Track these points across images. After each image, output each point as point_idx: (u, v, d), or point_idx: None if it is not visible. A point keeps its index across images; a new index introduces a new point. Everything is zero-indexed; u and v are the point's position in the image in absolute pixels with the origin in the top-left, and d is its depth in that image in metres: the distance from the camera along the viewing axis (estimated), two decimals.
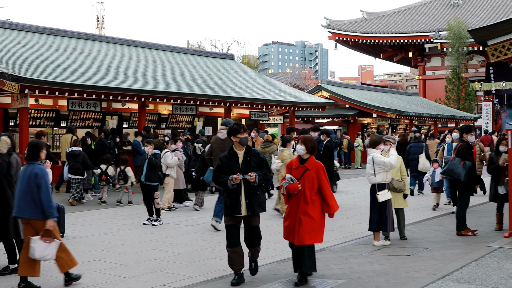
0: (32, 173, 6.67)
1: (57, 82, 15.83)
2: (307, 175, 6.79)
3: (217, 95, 20.51)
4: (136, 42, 25.17)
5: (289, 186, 6.76)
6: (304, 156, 6.93)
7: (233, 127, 7.02)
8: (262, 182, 6.89)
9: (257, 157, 7.00)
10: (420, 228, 10.70)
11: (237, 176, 6.71)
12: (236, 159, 6.94)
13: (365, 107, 30.02)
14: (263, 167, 6.99)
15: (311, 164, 6.87)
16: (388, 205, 8.99)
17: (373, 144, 9.05)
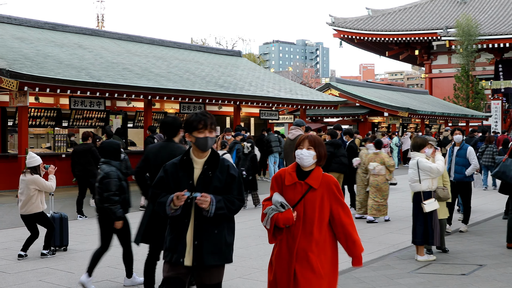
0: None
1: (59, 79, 14.81)
2: (311, 198, 4.17)
3: (227, 93, 19.50)
4: (141, 38, 24.14)
5: (277, 217, 4.15)
6: (307, 167, 4.27)
7: (190, 119, 4.36)
8: (224, 213, 4.20)
9: (225, 172, 4.30)
10: (460, 239, 9.68)
11: (181, 194, 4.09)
12: (189, 171, 4.29)
13: (376, 105, 29.05)
14: (233, 190, 4.30)
15: (318, 180, 4.20)
16: (435, 216, 7.98)
17: (417, 147, 8.03)
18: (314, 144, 4.25)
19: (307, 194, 4.16)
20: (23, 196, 8.37)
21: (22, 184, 8.44)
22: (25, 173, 8.43)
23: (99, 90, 15.80)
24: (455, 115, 34.17)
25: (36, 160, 8.47)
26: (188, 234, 4.22)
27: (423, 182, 7.89)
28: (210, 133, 4.29)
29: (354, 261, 4.32)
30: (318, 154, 4.25)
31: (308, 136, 4.34)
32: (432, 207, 7.89)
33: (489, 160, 15.94)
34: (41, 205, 8.44)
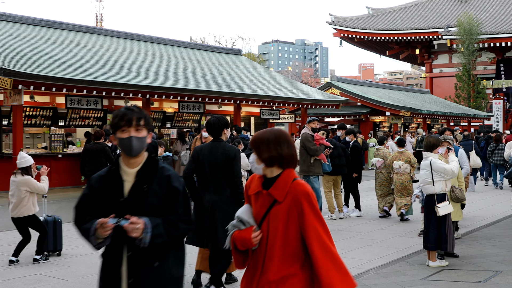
0: None
1: (54, 77, 14.40)
2: (275, 215, 3.11)
3: (227, 91, 19.09)
4: (139, 36, 23.72)
5: (237, 236, 3.20)
6: (268, 172, 3.17)
7: (116, 116, 3.29)
8: (164, 240, 3.19)
9: (165, 184, 3.27)
10: (471, 243, 9.28)
11: (104, 221, 3.08)
12: (118, 186, 3.28)
13: (378, 105, 28.62)
14: (177, 208, 3.27)
15: (283, 190, 3.10)
16: (448, 220, 7.58)
17: (430, 147, 7.62)
18: (255, 143, 3.16)
19: (272, 208, 3.09)
20: (14, 198, 7.97)
21: (13, 185, 8.05)
22: (16, 174, 8.03)
23: (95, 88, 15.39)
24: (457, 114, 33.79)
25: (27, 160, 8.07)
26: (122, 269, 3.24)
27: (437, 184, 7.49)
28: (138, 131, 3.24)
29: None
30: (260, 157, 3.12)
31: (254, 135, 3.26)
32: (446, 210, 7.49)
33: (500, 159, 15.70)
34: (33, 208, 8.04)
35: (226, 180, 6.07)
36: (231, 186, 6.08)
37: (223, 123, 6.18)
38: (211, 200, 6.05)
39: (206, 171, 6.05)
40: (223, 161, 6.04)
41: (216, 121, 6.16)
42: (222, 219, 5.87)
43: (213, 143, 6.14)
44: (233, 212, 5.90)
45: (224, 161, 6.04)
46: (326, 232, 3.06)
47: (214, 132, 6.15)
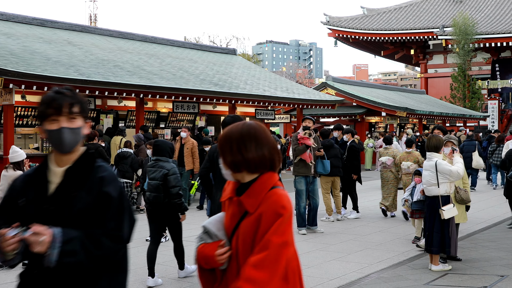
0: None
1: (46, 76, 14.10)
2: (246, 228, 2.53)
3: (222, 91, 18.82)
4: (133, 35, 23.42)
5: (200, 252, 2.63)
6: (239, 177, 2.62)
7: (43, 102, 2.70)
8: (78, 260, 2.41)
9: (95, 189, 2.55)
10: (473, 245, 9.07)
11: (3, 232, 2.38)
12: (42, 187, 2.60)
13: (374, 105, 28.44)
14: (105, 221, 2.52)
15: (256, 199, 2.52)
16: (452, 223, 7.35)
17: (434, 147, 7.39)
18: (219, 146, 2.61)
19: (243, 220, 2.52)
20: (2, 193, 7.70)
21: (4, 180, 7.73)
22: (8, 168, 7.73)
23: (88, 88, 15.10)
24: (453, 115, 33.66)
25: (20, 154, 7.79)
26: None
27: (442, 185, 7.26)
28: (71, 121, 2.58)
29: None
30: (224, 161, 2.58)
31: (220, 135, 2.70)
32: (451, 213, 7.26)
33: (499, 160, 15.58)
34: None
35: None
36: None
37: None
38: None
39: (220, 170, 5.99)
40: None
41: (232, 120, 6.18)
42: None
43: None
44: None
45: None
46: (279, 263, 2.39)
47: None
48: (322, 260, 8.09)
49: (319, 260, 8.11)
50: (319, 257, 8.30)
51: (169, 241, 9.28)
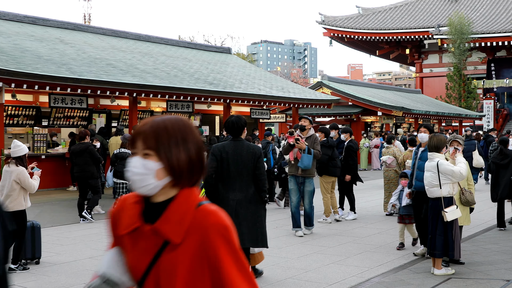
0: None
1: (36, 74, 13.79)
2: (169, 265, 1.81)
3: (217, 90, 18.53)
4: (126, 33, 23.09)
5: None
6: (149, 195, 1.85)
7: None
8: None
9: None
10: (475, 248, 8.82)
11: None
12: None
13: (370, 104, 28.22)
14: None
15: (181, 225, 1.81)
16: (456, 225, 7.09)
17: (435, 147, 7.12)
18: (157, 142, 1.83)
19: (161, 255, 1.84)
20: (5, 189, 7.37)
21: (5, 175, 7.43)
22: (10, 163, 7.41)
23: (80, 86, 14.79)
24: (449, 114, 33.48)
25: (22, 149, 7.45)
26: None
27: (444, 187, 7.00)
28: None
29: None
30: (169, 164, 1.83)
31: (150, 123, 1.87)
32: (455, 215, 6.99)
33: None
34: (24, 202, 7.41)
35: (251, 179, 6.17)
36: (256, 185, 6.20)
37: (243, 122, 6.32)
38: (236, 199, 6.10)
39: (230, 169, 6.11)
40: (249, 159, 6.14)
41: (237, 120, 6.25)
42: (246, 217, 6.08)
43: (235, 142, 6.21)
44: (256, 209, 6.18)
45: (250, 159, 6.13)
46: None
47: (235, 131, 6.24)
48: (321, 264, 7.81)
49: (318, 263, 7.84)
50: (317, 260, 8.03)
51: None
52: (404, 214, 8.56)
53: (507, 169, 10.36)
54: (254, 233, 6.16)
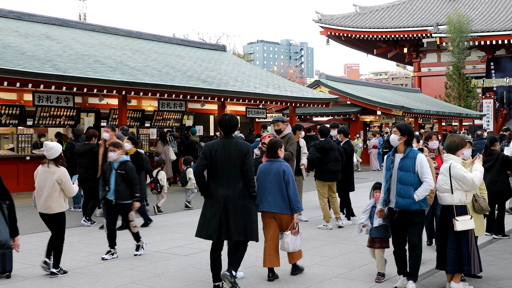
0: (280, 170, 6.81)
1: (18, 71, 12.98)
2: None
3: (211, 88, 17.74)
4: (117, 29, 22.27)
5: None
6: None
7: None
8: None
9: None
10: (490, 258, 8.06)
11: None
12: None
13: (369, 103, 27.53)
14: None
15: None
16: (471, 236, 6.30)
17: (453, 148, 6.36)
18: None
19: None
20: (45, 190, 7.05)
21: (44, 176, 7.12)
22: (49, 164, 7.04)
23: (65, 84, 13.99)
24: (449, 113, 32.79)
25: (56, 150, 7.08)
26: None
27: (456, 193, 6.23)
28: None
29: None
30: None
31: None
32: (466, 225, 6.21)
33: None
34: (64, 204, 7.13)
35: (239, 175, 6.30)
36: (244, 180, 6.31)
37: (236, 122, 6.49)
38: (224, 194, 6.28)
39: (219, 166, 6.31)
40: (237, 156, 6.27)
41: (230, 119, 6.43)
42: (234, 211, 6.24)
43: (225, 140, 6.37)
44: (245, 204, 6.27)
45: (238, 156, 6.28)
46: None
47: (228, 129, 6.41)
48: (322, 278, 7.03)
49: (319, 277, 7.07)
50: (318, 274, 7.25)
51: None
52: (375, 237, 6.90)
53: (489, 171, 9.51)
54: (242, 226, 6.30)
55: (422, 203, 6.26)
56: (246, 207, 6.32)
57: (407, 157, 6.26)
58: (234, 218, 6.22)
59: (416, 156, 6.25)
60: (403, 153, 6.32)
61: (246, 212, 6.32)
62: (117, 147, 8.30)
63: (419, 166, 6.21)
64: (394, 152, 6.47)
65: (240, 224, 6.25)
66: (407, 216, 6.28)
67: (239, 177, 6.29)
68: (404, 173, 6.22)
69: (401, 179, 6.23)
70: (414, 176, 6.20)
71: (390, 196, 6.37)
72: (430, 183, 6.19)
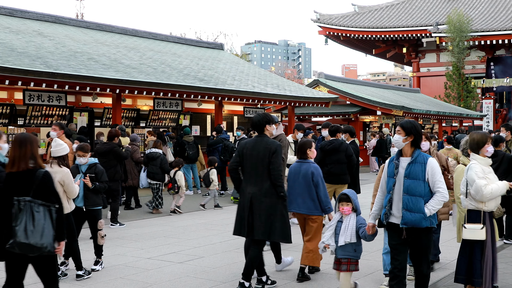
0: (309, 172, 6.86)
1: (6, 68, 12.45)
2: None
3: (208, 87, 17.23)
4: (112, 27, 21.73)
5: None
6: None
7: None
8: None
9: None
10: (504, 265, 7.61)
11: None
12: None
13: (369, 103, 27.04)
14: None
15: None
16: (487, 246, 5.78)
17: (474, 147, 5.88)
18: None
19: None
20: None
21: None
22: (52, 164, 6.62)
23: (56, 81, 13.47)
24: (450, 114, 32.34)
25: (64, 148, 6.74)
26: None
27: (470, 196, 5.74)
28: None
29: None
30: None
31: None
32: (474, 235, 5.70)
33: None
34: (68, 205, 6.72)
35: (266, 173, 6.31)
36: (271, 179, 6.30)
37: (265, 120, 6.52)
38: (251, 192, 6.35)
39: (248, 164, 6.44)
40: (265, 154, 6.32)
41: (259, 118, 6.52)
42: (260, 210, 6.26)
43: (257, 138, 6.49)
44: (271, 203, 6.29)
45: (266, 154, 6.33)
46: None
47: (257, 128, 6.51)
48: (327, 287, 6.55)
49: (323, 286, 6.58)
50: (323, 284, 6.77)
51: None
52: (342, 258, 5.95)
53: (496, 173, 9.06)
54: (268, 226, 6.26)
55: (432, 219, 5.23)
56: (271, 206, 6.28)
57: (416, 162, 5.24)
58: (259, 216, 6.24)
59: (427, 161, 5.24)
60: (410, 156, 5.28)
61: (272, 212, 6.29)
62: (86, 151, 7.73)
63: (430, 173, 5.21)
64: (398, 156, 5.40)
65: (264, 223, 6.24)
66: (414, 236, 5.22)
67: (267, 176, 6.32)
68: (412, 182, 5.20)
69: (408, 188, 5.20)
70: (424, 185, 5.19)
71: (393, 209, 5.29)
72: (444, 194, 5.19)
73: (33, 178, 4.69)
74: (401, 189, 5.23)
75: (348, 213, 5.91)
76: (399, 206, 5.23)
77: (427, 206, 5.16)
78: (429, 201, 5.19)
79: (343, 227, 5.87)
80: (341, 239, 5.86)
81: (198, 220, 11.62)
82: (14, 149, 4.81)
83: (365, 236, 5.76)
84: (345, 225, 5.86)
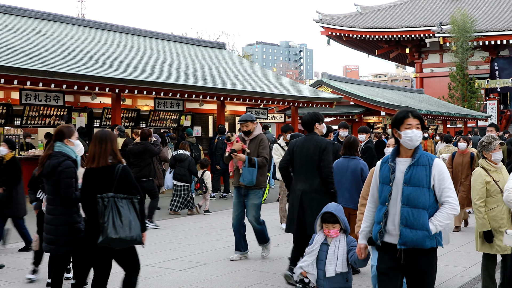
0: (358, 168, 7.03)
1: (1, 66, 12.06)
2: None
3: (209, 86, 16.83)
4: (111, 25, 21.32)
5: None
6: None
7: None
8: None
9: None
10: None
11: None
12: None
13: (373, 104, 26.64)
14: None
15: None
16: None
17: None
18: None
19: None
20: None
21: None
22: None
23: (53, 80, 13.07)
24: (455, 115, 31.93)
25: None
26: None
27: None
28: None
29: None
30: None
31: None
32: None
33: None
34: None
35: (316, 170, 6.41)
36: (321, 176, 6.40)
37: (314, 119, 6.65)
38: (301, 189, 6.46)
39: (298, 162, 6.55)
40: (315, 152, 6.42)
41: (308, 117, 6.65)
42: (311, 206, 6.34)
43: (307, 136, 6.63)
44: (321, 200, 6.31)
45: (316, 152, 6.44)
46: None
47: (307, 126, 6.66)
48: None
49: None
50: None
51: None
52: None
53: None
54: None
55: (439, 237, 4.03)
56: (322, 203, 6.04)
57: (418, 164, 4.04)
58: (310, 213, 6.26)
59: (432, 163, 4.04)
60: (411, 157, 4.08)
61: (322, 208, 5.88)
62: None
63: (437, 178, 4.02)
64: (394, 157, 4.15)
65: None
66: (414, 258, 3.99)
67: (317, 173, 6.40)
68: (413, 189, 3.99)
69: (409, 198, 3.99)
70: (428, 194, 3.99)
71: (388, 225, 4.05)
72: (454, 206, 4.00)
73: (113, 173, 4.87)
74: (399, 199, 4.02)
75: (336, 236, 4.75)
76: (395, 221, 4.01)
77: (432, 221, 3.98)
78: (434, 214, 4.01)
79: (331, 253, 4.71)
80: (330, 269, 4.69)
81: (199, 224, 11.21)
82: (94, 146, 4.96)
83: (354, 262, 4.61)
84: (334, 250, 4.71)
